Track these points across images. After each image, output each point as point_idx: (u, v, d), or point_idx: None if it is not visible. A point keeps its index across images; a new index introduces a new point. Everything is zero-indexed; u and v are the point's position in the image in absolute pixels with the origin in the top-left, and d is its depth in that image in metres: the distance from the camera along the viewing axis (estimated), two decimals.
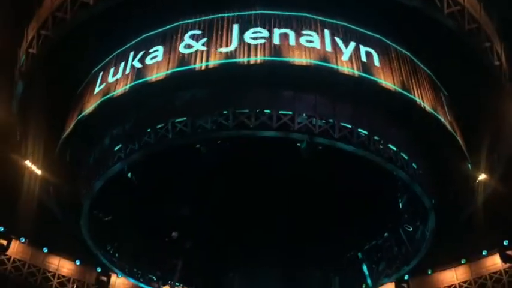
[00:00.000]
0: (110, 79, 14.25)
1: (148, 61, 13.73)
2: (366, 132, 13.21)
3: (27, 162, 17.06)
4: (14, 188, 17.03)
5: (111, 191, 14.78)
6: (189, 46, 13.45)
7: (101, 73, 14.88)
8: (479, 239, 18.13)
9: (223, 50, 13.10)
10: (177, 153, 14.12)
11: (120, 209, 16.18)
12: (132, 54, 14.26)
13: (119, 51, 14.84)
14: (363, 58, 13.38)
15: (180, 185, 15.84)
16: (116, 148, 14.11)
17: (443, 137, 14.29)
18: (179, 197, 16.46)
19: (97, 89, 14.44)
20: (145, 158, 14.01)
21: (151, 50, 13.90)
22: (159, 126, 13.32)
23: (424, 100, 13.79)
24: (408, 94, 13.56)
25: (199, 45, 13.33)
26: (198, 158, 13.96)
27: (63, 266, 21.01)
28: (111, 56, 15.02)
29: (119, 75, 14.05)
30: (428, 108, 13.79)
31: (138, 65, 13.87)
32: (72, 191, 15.90)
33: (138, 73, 13.67)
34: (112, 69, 14.49)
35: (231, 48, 13.08)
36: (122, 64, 14.24)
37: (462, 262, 20.18)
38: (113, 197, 15.24)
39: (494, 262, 19.40)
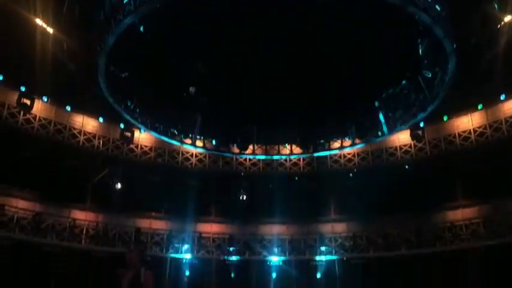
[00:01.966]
0: None
1: None
2: None
3: (38, 21, 16.69)
4: (31, 47, 16.87)
5: (125, 46, 14.61)
6: None
7: None
8: (498, 83, 17.88)
9: None
10: (189, 4, 13.59)
11: (136, 65, 16.15)
12: None
13: None
14: None
15: (193, 38, 15.51)
16: (125, 1, 13.62)
17: None
18: (194, 51, 16.25)
19: None
20: (156, 10, 13.56)
21: None
22: None
23: None
24: None
25: None
26: (211, 9, 13.49)
27: (88, 123, 21.75)
28: None
29: None
30: None
31: None
32: (86, 48, 15.79)
33: None
34: None
35: None
36: None
37: (479, 108, 20.27)
38: (128, 53, 15.11)
39: (511, 106, 19.44)
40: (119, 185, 21.47)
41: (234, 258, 22.29)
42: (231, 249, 22.38)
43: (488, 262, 18.00)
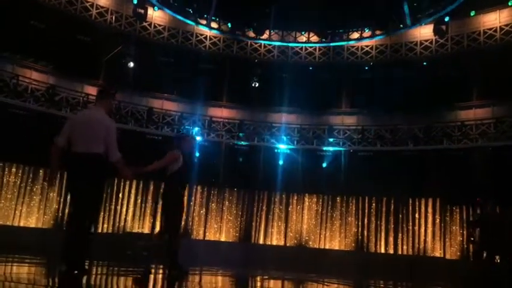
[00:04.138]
0: None
1: None
2: None
3: None
4: None
5: None
6: None
7: None
8: None
9: None
10: None
11: None
12: None
13: None
14: None
15: None
16: None
17: None
18: None
19: None
20: None
21: None
22: None
23: None
24: None
25: None
26: None
27: None
28: None
29: None
30: None
31: None
32: None
33: None
34: None
35: None
36: None
37: (509, 4, 19.30)
38: None
39: None
40: (131, 64, 21.27)
41: (243, 143, 22.73)
42: (241, 134, 22.73)
43: (495, 162, 18.29)
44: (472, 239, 12.48)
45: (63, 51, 19.52)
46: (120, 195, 20.83)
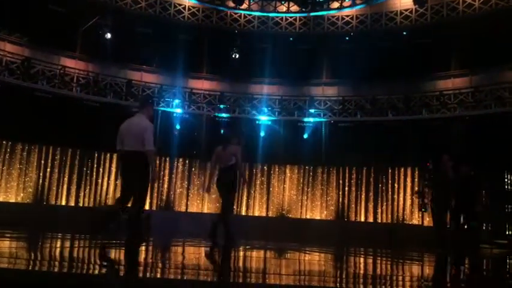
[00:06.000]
0: None
1: None
2: None
3: None
4: None
5: None
6: None
7: None
8: None
9: None
10: None
11: None
12: None
13: None
14: None
15: None
16: None
17: None
18: None
19: None
20: None
21: None
22: None
23: None
24: None
25: None
26: None
27: None
28: None
29: None
30: None
31: None
32: None
33: None
34: None
35: None
36: None
37: None
38: None
39: None
40: (108, 35, 20.82)
41: (224, 115, 22.64)
42: (222, 106, 22.61)
43: (472, 131, 18.60)
44: (424, 210, 12.70)
45: (38, 22, 19.01)
46: (101, 169, 20.71)
